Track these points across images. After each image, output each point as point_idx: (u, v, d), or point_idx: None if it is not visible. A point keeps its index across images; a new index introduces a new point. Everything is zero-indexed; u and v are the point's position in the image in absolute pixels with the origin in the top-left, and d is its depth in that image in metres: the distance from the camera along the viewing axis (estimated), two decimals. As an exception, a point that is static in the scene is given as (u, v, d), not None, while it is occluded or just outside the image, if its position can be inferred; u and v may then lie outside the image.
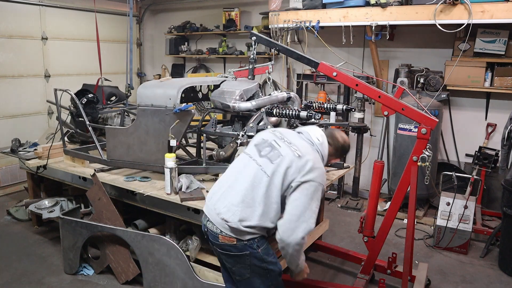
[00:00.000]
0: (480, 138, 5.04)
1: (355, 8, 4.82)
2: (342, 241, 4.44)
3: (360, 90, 3.02)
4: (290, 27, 5.26)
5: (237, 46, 6.63)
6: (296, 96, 3.65)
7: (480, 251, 4.19)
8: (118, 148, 3.56)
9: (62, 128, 4.21)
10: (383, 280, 3.15)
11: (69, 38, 6.39)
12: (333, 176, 3.64)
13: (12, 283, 3.55)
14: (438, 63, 5.11)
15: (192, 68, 7.30)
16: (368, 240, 3.31)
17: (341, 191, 5.75)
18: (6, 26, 5.55)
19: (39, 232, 4.51)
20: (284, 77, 6.24)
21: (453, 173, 4.28)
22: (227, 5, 6.56)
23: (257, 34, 3.36)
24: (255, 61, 3.63)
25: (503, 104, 4.84)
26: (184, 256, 3.09)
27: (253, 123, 3.11)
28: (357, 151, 5.43)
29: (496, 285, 3.65)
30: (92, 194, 3.62)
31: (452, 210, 4.17)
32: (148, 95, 3.32)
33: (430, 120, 2.82)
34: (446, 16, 4.28)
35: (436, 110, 4.63)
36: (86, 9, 6.43)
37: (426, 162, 2.82)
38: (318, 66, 3.07)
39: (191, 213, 3.09)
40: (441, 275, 3.78)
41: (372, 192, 3.27)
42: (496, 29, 4.48)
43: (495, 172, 4.78)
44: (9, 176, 5.75)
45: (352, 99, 5.61)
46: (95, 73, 6.04)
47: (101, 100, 4.70)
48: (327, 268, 3.91)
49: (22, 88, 5.83)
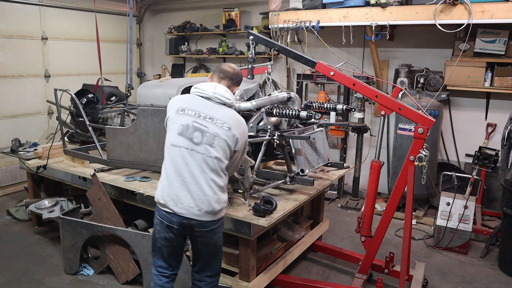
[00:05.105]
0: (480, 138, 5.04)
1: (355, 8, 4.82)
2: (342, 241, 4.44)
3: (357, 90, 3.02)
4: (290, 27, 5.26)
5: (237, 46, 6.64)
6: (296, 96, 3.65)
7: (480, 251, 4.19)
8: (118, 148, 3.56)
9: (62, 128, 4.22)
10: (380, 280, 3.15)
11: (69, 38, 6.39)
12: (333, 176, 3.64)
13: (12, 283, 3.55)
14: (438, 63, 5.11)
15: (192, 68, 7.30)
16: (366, 240, 3.32)
17: (341, 191, 5.75)
18: (6, 26, 5.55)
19: (39, 232, 4.51)
20: (284, 77, 6.24)
21: (453, 173, 4.28)
22: (227, 5, 6.56)
23: (255, 34, 3.35)
24: (254, 61, 3.63)
25: (503, 104, 4.84)
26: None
27: (253, 123, 3.11)
28: (357, 151, 5.43)
29: (496, 285, 3.65)
30: (92, 194, 3.62)
31: (452, 210, 4.17)
32: (148, 95, 3.33)
33: (427, 119, 2.82)
34: (446, 16, 4.28)
35: (436, 110, 4.63)
36: (86, 9, 6.43)
37: (423, 161, 2.82)
38: (315, 65, 3.07)
39: (191, 213, 3.09)
40: (441, 275, 3.78)
41: (369, 191, 3.27)
42: (496, 29, 4.48)
43: (495, 172, 4.79)
44: (9, 176, 5.76)
45: (352, 99, 5.61)
46: (95, 73, 6.04)
47: (101, 100, 4.70)
48: (326, 268, 3.91)
49: (22, 88, 5.83)
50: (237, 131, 2.46)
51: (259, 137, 3.04)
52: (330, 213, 5.18)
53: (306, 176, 3.13)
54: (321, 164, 3.46)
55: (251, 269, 2.99)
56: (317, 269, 3.88)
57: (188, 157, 2.40)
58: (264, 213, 2.77)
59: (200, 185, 2.38)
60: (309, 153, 3.29)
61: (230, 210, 2.89)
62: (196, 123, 2.43)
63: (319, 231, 4.09)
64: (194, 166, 2.39)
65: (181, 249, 2.64)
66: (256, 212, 2.78)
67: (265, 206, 2.81)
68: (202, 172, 2.39)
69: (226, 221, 2.90)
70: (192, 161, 2.39)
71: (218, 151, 2.40)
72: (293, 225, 3.67)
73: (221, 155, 2.41)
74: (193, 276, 2.68)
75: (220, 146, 2.41)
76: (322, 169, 3.71)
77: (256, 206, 2.77)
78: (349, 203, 5.49)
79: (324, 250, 4.05)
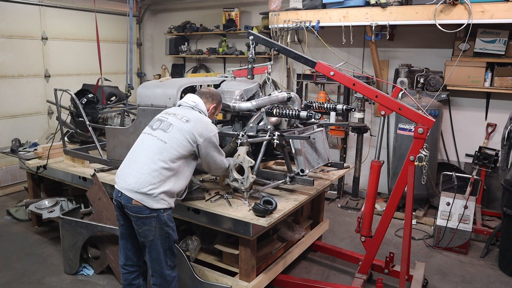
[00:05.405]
0: (480, 138, 5.04)
1: (355, 8, 4.82)
2: (342, 241, 4.44)
3: (357, 90, 3.02)
4: (290, 27, 5.26)
5: (237, 46, 6.64)
6: (296, 96, 3.65)
7: (480, 251, 4.19)
8: (118, 148, 3.56)
9: (62, 128, 4.22)
10: (380, 280, 3.15)
11: (69, 38, 6.39)
12: (333, 176, 3.63)
13: (12, 283, 3.55)
14: (438, 63, 5.11)
15: (192, 68, 7.31)
16: (366, 240, 3.32)
17: (341, 191, 5.76)
18: (6, 26, 5.55)
19: (39, 232, 4.51)
20: (284, 77, 6.24)
21: (453, 173, 4.28)
22: (227, 5, 6.56)
23: (254, 34, 3.36)
24: (254, 61, 3.63)
25: (503, 104, 4.84)
26: (184, 256, 3.08)
27: (253, 123, 3.11)
28: (357, 151, 5.43)
29: (496, 285, 3.65)
30: (92, 194, 3.62)
31: (452, 210, 4.17)
32: (148, 95, 3.33)
33: (427, 119, 2.82)
34: (446, 16, 4.28)
35: (436, 110, 4.63)
36: (86, 9, 6.43)
37: (423, 161, 2.82)
38: (315, 65, 3.08)
39: (191, 213, 3.09)
40: (441, 275, 3.78)
41: (369, 191, 3.27)
42: (496, 29, 4.48)
43: (495, 172, 4.79)
44: (9, 176, 5.76)
45: (352, 99, 5.61)
46: (95, 73, 6.04)
47: (101, 100, 4.70)
48: (326, 268, 3.91)
49: (22, 88, 5.83)
50: (195, 124, 2.65)
51: (259, 137, 3.04)
52: (330, 213, 5.18)
53: (306, 176, 3.13)
54: (321, 164, 3.45)
55: (251, 269, 2.99)
56: (317, 269, 3.88)
57: (145, 140, 2.68)
58: (264, 213, 2.77)
59: (141, 163, 2.57)
60: (309, 153, 3.29)
61: (230, 210, 2.89)
62: (161, 116, 2.78)
63: (319, 231, 4.09)
64: (143, 147, 2.64)
65: (132, 236, 2.71)
66: (256, 212, 2.78)
67: (265, 206, 2.81)
68: (147, 151, 2.59)
69: (226, 221, 2.91)
70: (145, 144, 2.65)
71: (171, 138, 2.59)
72: (293, 225, 3.68)
73: (173, 142, 2.58)
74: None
75: (174, 134, 2.60)
76: (322, 169, 3.71)
77: (256, 206, 2.77)
78: (349, 203, 5.49)
79: (324, 250, 4.05)
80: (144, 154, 2.59)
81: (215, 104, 2.92)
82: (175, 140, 2.59)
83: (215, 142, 2.74)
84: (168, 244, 2.65)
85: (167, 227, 2.61)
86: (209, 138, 2.68)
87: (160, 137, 2.61)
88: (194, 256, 3.29)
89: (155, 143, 2.60)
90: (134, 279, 2.81)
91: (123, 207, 2.61)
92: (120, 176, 2.65)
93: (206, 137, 2.67)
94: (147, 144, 2.63)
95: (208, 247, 3.38)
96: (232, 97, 3.29)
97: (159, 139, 2.61)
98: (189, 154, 2.66)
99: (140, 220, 2.55)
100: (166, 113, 2.79)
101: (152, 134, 2.66)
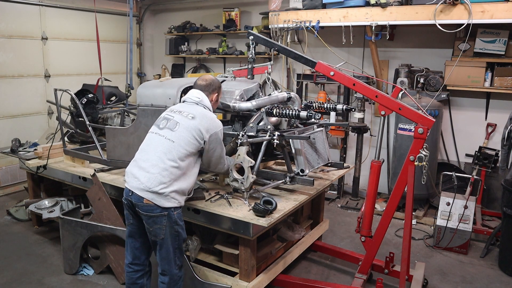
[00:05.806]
0: (480, 138, 5.04)
1: (355, 8, 4.82)
2: (342, 241, 4.44)
3: (357, 90, 3.02)
4: (290, 27, 5.26)
5: (237, 46, 6.64)
6: (296, 96, 3.64)
7: (480, 251, 4.19)
8: (118, 148, 3.56)
9: (62, 128, 4.22)
10: (380, 280, 3.15)
11: (69, 38, 6.39)
12: (333, 176, 3.63)
13: (12, 283, 3.55)
14: (438, 63, 5.11)
15: (192, 68, 7.31)
16: (366, 240, 3.32)
17: (341, 191, 5.75)
18: (6, 26, 5.55)
19: (39, 232, 4.51)
20: (284, 77, 6.24)
21: (453, 173, 4.28)
22: (227, 5, 6.56)
23: (254, 34, 3.35)
24: (254, 61, 3.63)
25: (503, 104, 4.84)
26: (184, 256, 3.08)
27: (253, 123, 3.11)
28: (357, 151, 5.43)
29: (496, 285, 3.65)
30: (92, 194, 3.62)
31: (452, 210, 4.17)
32: (148, 95, 3.33)
33: (427, 119, 2.82)
34: (446, 16, 4.28)
35: (436, 110, 4.63)
36: (86, 9, 6.43)
37: (423, 161, 2.82)
38: (315, 65, 3.08)
39: (191, 213, 3.09)
40: (441, 275, 3.78)
41: (369, 191, 3.27)
42: (496, 29, 4.48)
43: (495, 172, 4.79)
44: (9, 176, 5.76)
45: (352, 99, 5.61)
46: (95, 73, 6.04)
47: (101, 100, 4.70)
48: (326, 268, 3.91)
49: (22, 88, 5.83)
50: (201, 120, 2.66)
51: (259, 137, 3.04)
52: (330, 213, 5.18)
53: (306, 176, 3.13)
54: (321, 164, 3.45)
55: (251, 269, 2.99)
56: (317, 269, 3.88)
57: (153, 140, 2.69)
58: (264, 213, 2.77)
59: (150, 162, 2.58)
60: (309, 153, 3.29)
61: (230, 210, 2.89)
62: (167, 114, 2.78)
63: (319, 231, 4.09)
64: (151, 146, 2.65)
65: (142, 235, 2.73)
66: (256, 212, 2.78)
67: (265, 206, 2.81)
68: (156, 151, 2.60)
69: (226, 221, 2.91)
70: (153, 143, 2.66)
71: (178, 136, 2.60)
72: (293, 225, 3.67)
73: (181, 140, 2.59)
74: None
75: (181, 132, 2.61)
76: (322, 169, 3.71)
77: (256, 206, 2.77)
78: (349, 203, 5.49)
79: (324, 250, 4.05)
80: (153, 153, 2.61)
81: (216, 93, 2.92)
82: (182, 138, 2.61)
83: (220, 137, 2.78)
84: (178, 243, 2.68)
85: (177, 226, 2.64)
86: (215, 133, 2.71)
87: (167, 136, 2.63)
88: (194, 256, 3.29)
89: (163, 142, 2.62)
90: (139, 278, 2.82)
91: (133, 206, 2.63)
92: (130, 175, 2.67)
93: (213, 132, 2.69)
94: (155, 144, 2.65)
95: (208, 247, 3.38)
96: (232, 97, 3.29)
97: (167, 138, 2.62)
98: (196, 151, 2.68)
99: (151, 219, 2.57)
100: (171, 110, 2.80)
101: (159, 134, 2.68)
